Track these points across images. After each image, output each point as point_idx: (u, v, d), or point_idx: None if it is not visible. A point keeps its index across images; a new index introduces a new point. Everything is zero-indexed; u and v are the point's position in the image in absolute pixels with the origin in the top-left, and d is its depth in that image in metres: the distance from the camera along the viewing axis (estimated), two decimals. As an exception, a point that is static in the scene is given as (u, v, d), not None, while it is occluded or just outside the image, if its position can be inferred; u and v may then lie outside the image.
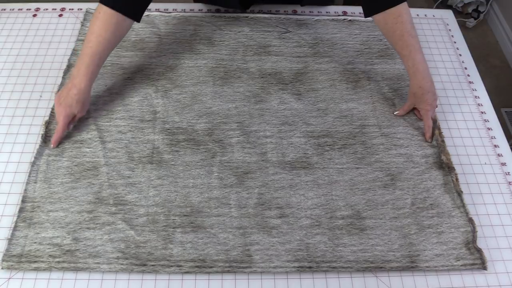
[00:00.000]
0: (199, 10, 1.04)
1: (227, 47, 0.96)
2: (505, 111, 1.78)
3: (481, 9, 2.10)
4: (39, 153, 0.77)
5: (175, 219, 0.72)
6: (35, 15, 1.02)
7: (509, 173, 0.81)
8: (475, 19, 2.09)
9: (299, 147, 0.81)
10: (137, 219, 0.72)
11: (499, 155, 0.83)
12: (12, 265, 0.67)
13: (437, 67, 0.97)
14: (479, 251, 0.71)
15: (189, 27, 0.99)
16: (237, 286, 0.68)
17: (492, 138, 0.86)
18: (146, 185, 0.75)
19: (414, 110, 0.87)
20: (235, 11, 1.03)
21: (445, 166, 0.80)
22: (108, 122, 0.83)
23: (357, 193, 0.76)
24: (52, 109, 0.83)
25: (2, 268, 0.67)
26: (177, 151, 0.80)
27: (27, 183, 0.74)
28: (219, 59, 0.94)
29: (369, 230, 0.72)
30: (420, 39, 1.01)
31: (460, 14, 2.13)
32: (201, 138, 0.81)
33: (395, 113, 0.87)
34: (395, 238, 0.72)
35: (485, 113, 0.90)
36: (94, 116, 0.83)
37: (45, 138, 0.79)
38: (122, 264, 0.67)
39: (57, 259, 0.67)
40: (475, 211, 0.76)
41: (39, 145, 0.78)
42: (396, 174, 0.79)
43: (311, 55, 0.96)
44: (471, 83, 0.95)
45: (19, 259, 0.67)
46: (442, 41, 1.02)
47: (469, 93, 0.93)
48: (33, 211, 0.72)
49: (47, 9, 1.03)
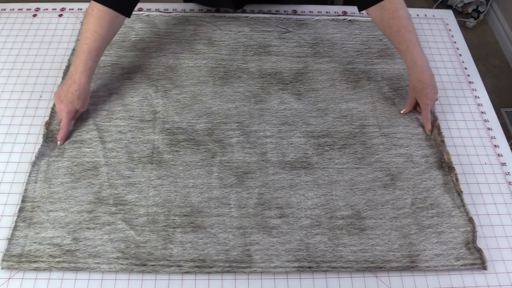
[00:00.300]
0: (199, 10, 1.04)
1: (227, 47, 0.96)
2: (505, 111, 1.78)
3: (481, 9, 2.10)
4: (39, 153, 0.77)
5: (175, 219, 0.72)
6: (35, 15, 1.02)
7: (509, 173, 0.81)
8: (475, 19, 2.09)
9: (299, 147, 0.81)
10: (137, 219, 0.72)
11: (499, 155, 0.83)
12: (12, 265, 0.67)
13: (437, 67, 0.97)
14: (479, 251, 0.71)
15: (189, 27, 0.99)
16: (237, 286, 0.68)
17: (492, 138, 0.86)
18: (146, 185, 0.75)
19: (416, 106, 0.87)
20: (233, 11, 1.03)
21: (445, 166, 0.80)
22: (108, 122, 0.83)
23: (357, 193, 0.76)
24: (52, 108, 0.84)
25: (2, 268, 0.67)
26: (177, 151, 0.80)
27: (27, 183, 0.74)
28: (219, 59, 0.94)
29: (369, 230, 0.72)
30: (420, 39, 1.01)
31: (460, 14, 2.13)
32: (201, 138, 0.81)
33: (401, 112, 0.87)
34: (395, 238, 0.72)
35: (485, 113, 0.90)
36: (94, 116, 0.83)
37: (46, 138, 0.79)
38: (122, 264, 0.67)
39: (57, 259, 0.67)
40: (475, 211, 0.76)
41: (40, 145, 0.78)
42: (396, 174, 0.79)
43: (311, 55, 0.96)
44: (471, 83, 0.95)
45: (19, 259, 0.67)
46: (442, 41, 1.02)
47: (469, 93, 0.93)
48: (33, 211, 0.72)
49: (47, 9, 1.03)
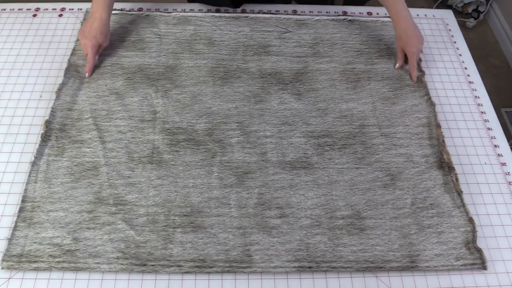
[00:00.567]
0: (199, 10, 1.04)
1: (227, 47, 0.96)
2: (505, 111, 1.78)
3: (481, 9, 2.09)
4: (39, 153, 0.77)
5: (175, 219, 0.72)
6: (35, 15, 1.02)
7: (509, 173, 0.81)
8: (475, 19, 2.09)
9: (299, 147, 0.81)
10: (137, 219, 0.72)
11: (499, 155, 0.83)
12: (12, 265, 0.67)
13: (437, 67, 0.97)
14: (479, 251, 0.71)
15: (189, 27, 0.99)
16: (237, 286, 0.68)
17: (492, 138, 0.86)
18: (146, 185, 0.75)
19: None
20: (233, 11, 1.03)
21: (445, 166, 0.80)
22: (108, 122, 0.83)
23: (357, 193, 0.76)
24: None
25: (2, 268, 0.67)
26: (177, 151, 0.80)
27: (27, 183, 0.74)
28: (219, 59, 0.93)
29: (369, 230, 0.72)
30: (420, 39, 1.02)
31: (460, 14, 2.13)
32: (201, 138, 0.81)
33: (396, 67, 0.93)
34: (395, 238, 0.72)
35: (485, 113, 0.90)
36: (94, 116, 0.83)
37: (45, 137, 0.79)
38: (122, 264, 0.67)
39: (57, 259, 0.67)
40: (475, 211, 0.76)
41: (39, 145, 0.78)
42: (396, 174, 0.79)
43: (311, 55, 0.96)
44: (471, 83, 0.95)
45: (19, 259, 0.67)
46: (442, 41, 1.02)
47: (469, 93, 0.93)
48: (33, 211, 0.72)
49: (47, 9, 1.03)
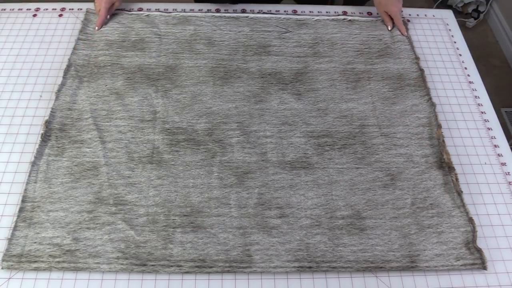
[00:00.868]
0: (199, 10, 1.04)
1: (227, 47, 0.96)
2: (505, 111, 1.78)
3: (481, 9, 2.09)
4: (39, 153, 0.77)
5: (175, 219, 0.72)
6: (35, 15, 1.02)
7: (509, 173, 0.81)
8: (475, 19, 2.09)
9: (299, 147, 0.81)
10: (137, 219, 0.72)
11: (499, 155, 0.83)
12: (12, 265, 0.67)
13: (437, 67, 0.97)
14: (479, 251, 0.71)
15: (189, 27, 0.99)
16: (237, 286, 0.68)
17: (492, 138, 0.86)
18: (146, 185, 0.75)
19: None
20: (233, 11, 1.03)
21: (445, 166, 0.80)
22: (108, 122, 0.83)
23: (357, 193, 0.76)
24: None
25: (2, 268, 0.67)
26: (177, 151, 0.80)
27: (27, 183, 0.74)
28: (219, 59, 0.93)
29: (369, 230, 0.72)
30: (420, 39, 1.02)
31: (460, 14, 2.13)
32: (201, 138, 0.81)
33: (389, 29, 1.00)
34: (395, 238, 0.72)
35: (485, 113, 0.90)
36: (94, 116, 0.83)
37: (45, 137, 0.79)
38: (122, 264, 0.67)
39: (57, 259, 0.67)
40: (475, 211, 0.76)
41: (39, 145, 0.78)
42: (396, 174, 0.79)
43: (311, 55, 0.96)
44: (471, 83, 0.95)
45: (19, 259, 0.67)
46: (442, 41, 1.02)
47: (469, 93, 0.93)
48: (33, 211, 0.72)
49: (47, 9, 1.03)
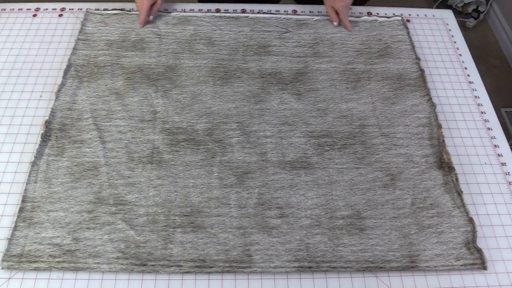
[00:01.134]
0: (199, 10, 1.04)
1: (227, 47, 0.96)
2: (505, 111, 1.78)
3: (481, 9, 2.09)
4: (39, 153, 0.77)
5: (175, 219, 0.72)
6: (35, 15, 1.02)
7: (509, 173, 0.81)
8: (475, 19, 2.09)
9: (299, 147, 0.81)
10: (137, 219, 0.72)
11: (499, 155, 0.83)
12: (12, 265, 0.67)
13: (437, 67, 0.97)
14: (479, 251, 0.71)
15: (189, 27, 0.99)
16: (237, 286, 0.68)
17: (492, 138, 0.86)
18: (146, 185, 0.75)
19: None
20: (233, 11, 1.03)
21: (445, 166, 0.80)
22: (108, 122, 0.83)
23: (357, 193, 0.76)
24: (52, 109, 0.84)
25: (2, 268, 0.67)
26: (177, 151, 0.80)
27: (27, 183, 0.74)
28: (219, 59, 0.93)
29: (369, 230, 0.72)
30: (420, 39, 1.02)
31: (460, 14, 2.13)
32: (201, 138, 0.81)
33: (335, 25, 1.00)
34: (395, 238, 0.72)
35: (485, 113, 0.90)
36: (94, 116, 0.83)
37: (45, 137, 0.79)
38: (122, 264, 0.67)
39: (57, 259, 0.67)
40: (475, 211, 0.76)
41: (39, 145, 0.78)
42: (396, 174, 0.79)
43: (311, 55, 0.96)
44: (471, 83, 0.95)
45: (19, 259, 0.67)
46: (442, 41, 1.02)
47: (469, 93, 0.93)
48: (33, 211, 0.72)
49: (47, 9, 1.03)
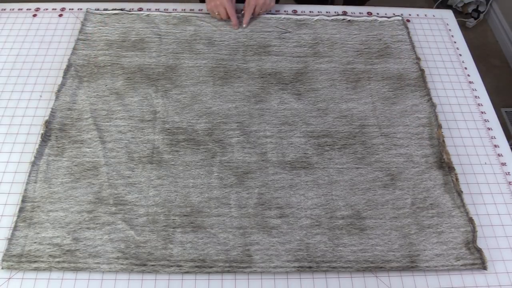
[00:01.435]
0: (199, 10, 1.04)
1: (227, 47, 0.96)
2: (505, 111, 1.78)
3: (481, 9, 2.09)
4: (39, 153, 0.77)
5: (175, 219, 0.72)
6: (35, 15, 1.02)
7: (509, 173, 0.81)
8: (475, 19, 2.09)
9: (299, 147, 0.81)
10: (137, 219, 0.72)
11: (499, 155, 0.83)
12: (12, 265, 0.67)
13: (437, 67, 0.97)
14: (479, 251, 0.71)
15: (189, 27, 0.99)
16: (237, 286, 0.68)
17: (492, 138, 0.86)
18: (146, 185, 0.75)
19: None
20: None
21: (445, 166, 0.80)
22: (108, 122, 0.83)
23: (357, 193, 0.76)
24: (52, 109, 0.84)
25: (2, 268, 0.67)
26: (177, 151, 0.80)
27: (27, 183, 0.74)
28: (219, 59, 0.93)
29: (369, 230, 0.72)
30: (420, 39, 1.02)
31: (460, 14, 2.13)
32: (201, 138, 0.81)
33: (244, 26, 0.99)
34: (395, 238, 0.72)
35: (485, 113, 0.90)
36: (94, 116, 0.83)
37: (45, 137, 0.79)
38: (122, 264, 0.67)
39: (57, 259, 0.67)
40: (475, 211, 0.76)
41: (39, 145, 0.78)
42: (396, 174, 0.79)
43: (311, 55, 0.96)
44: (471, 83, 0.95)
45: (19, 259, 0.67)
46: (442, 41, 1.02)
47: (469, 93, 0.93)
48: (33, 211, 0.72)
49: (47, 9, 1.03)
